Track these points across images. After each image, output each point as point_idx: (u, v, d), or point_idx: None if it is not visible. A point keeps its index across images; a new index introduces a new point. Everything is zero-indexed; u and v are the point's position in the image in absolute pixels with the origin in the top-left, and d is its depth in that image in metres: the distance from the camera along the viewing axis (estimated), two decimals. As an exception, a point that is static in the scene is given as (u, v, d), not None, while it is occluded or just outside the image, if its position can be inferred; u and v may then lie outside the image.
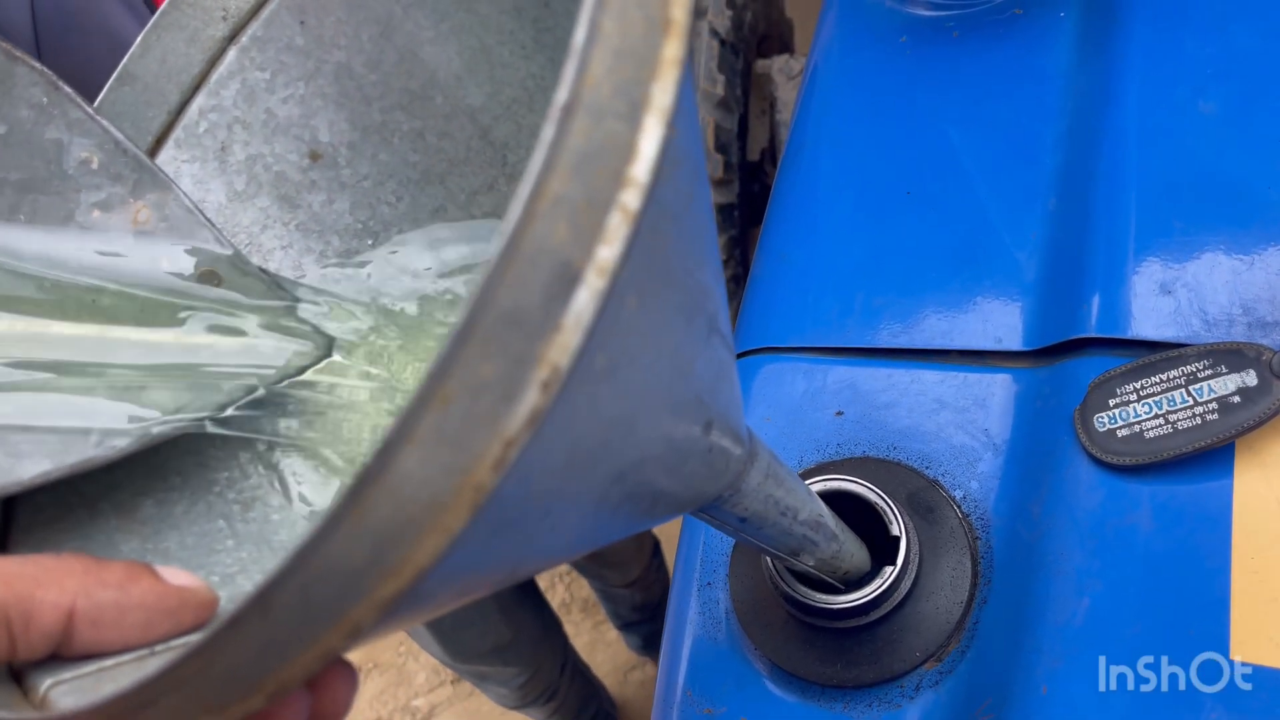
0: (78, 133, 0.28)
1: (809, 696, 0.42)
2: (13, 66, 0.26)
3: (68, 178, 0.28)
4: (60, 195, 0.28)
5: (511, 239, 0.12)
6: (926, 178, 0.54)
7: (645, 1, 0.13)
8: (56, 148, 0.27)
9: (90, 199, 0.28)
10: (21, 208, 0.27)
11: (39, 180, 0.27)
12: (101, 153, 0.28)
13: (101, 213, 0.28)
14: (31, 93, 0.27)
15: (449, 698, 1.60)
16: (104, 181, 0.28)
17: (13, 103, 0.27)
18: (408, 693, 1.62)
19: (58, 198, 0.28)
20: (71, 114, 0.27)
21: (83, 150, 0.28)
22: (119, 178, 0.28)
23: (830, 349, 0.51)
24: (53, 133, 0.27)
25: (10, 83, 0.26)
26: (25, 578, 0.20)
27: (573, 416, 0.14)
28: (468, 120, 0.33)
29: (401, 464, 0.12)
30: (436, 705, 1.61)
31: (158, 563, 0.27)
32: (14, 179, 0.27)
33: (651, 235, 0.14)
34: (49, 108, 0.27)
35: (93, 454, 0.26)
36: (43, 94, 0.27)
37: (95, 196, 0.28)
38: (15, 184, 0.27)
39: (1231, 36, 0.51)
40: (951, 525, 0.43)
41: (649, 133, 0.13)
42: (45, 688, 0.21)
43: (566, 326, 0.12)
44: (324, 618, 0.13)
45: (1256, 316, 0.42)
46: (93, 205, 0.28)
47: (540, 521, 0.16)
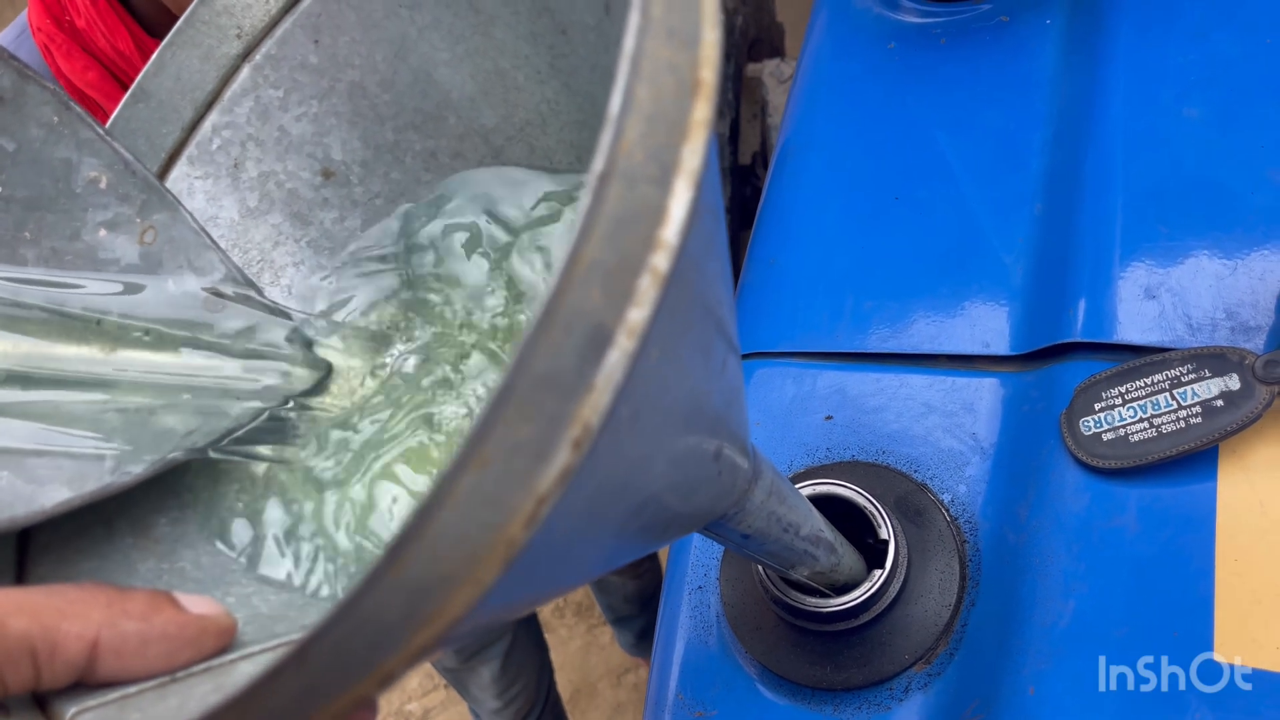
0: (87, 152, 0.28)
1: (799, 699, 0.43)
2: (25, 85, 0.26)
3: (75, 196, 0.28)
4: (67, 214, 0.28)
5: (549, 305, 0.12)
6: (914, 183, 0.55)
7: (677, 65, 0.14)
8: (65, 167, 0.28)
9: (97, 218, 0.28)
10: (28, 225, 0.27)
11: (47, 198, 0.28)
12: (110, 173, 0.28)
13: (108, 232, 0.28)
14: (42, 111, 0.27)
15: (442, 702, 1.60)
16: (111, 201, 0.28)
17: (23, 121, 0.27)
18: (400, 697, 1.62)
19: (65, 216, 0.28)
20: (81, 133, 0.28)
21: (91, 170, 0.28)
22: (127, 198, 0.29)
23: (819, 354, 0.51)
24: (62, 152, 0.27)
25: (21, 101, 0.27)
26: (51, 609, 0.20)
27: (598, 466, 0.14)
28: (480, 141, 0.33)
29: (439, 523, 0.13)
30: (430, 709, 1.61)
31: (174, 583, 0.27)
32: (21, 196, 0.27)
33: (678, 288, 0.14)
34: (59, 127, 0.27)
35: (110, 480, 0.26)
36: (53, 113, 0.27)
37: (102, 216, 0.28)
38: (23, 201, 0.27)
39: (1215, 44, 0.51)
40: (940, 528, 0.44)
41: (679, 196, 0.14)
42: (70, 716, 0.21)
43: (598, 387, 0.13)
44: (358, 668, 0.14)
45: (1239, 321, 0.43)
46: (99, 224, 0.28)
47: (562, 560, 0.17)
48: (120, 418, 0.27)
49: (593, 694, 1.57)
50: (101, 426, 0.27)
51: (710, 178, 0.16)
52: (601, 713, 1.56)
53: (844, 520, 0.40)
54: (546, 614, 1.62)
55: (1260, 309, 0.43)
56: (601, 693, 1.57)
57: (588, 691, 1.57)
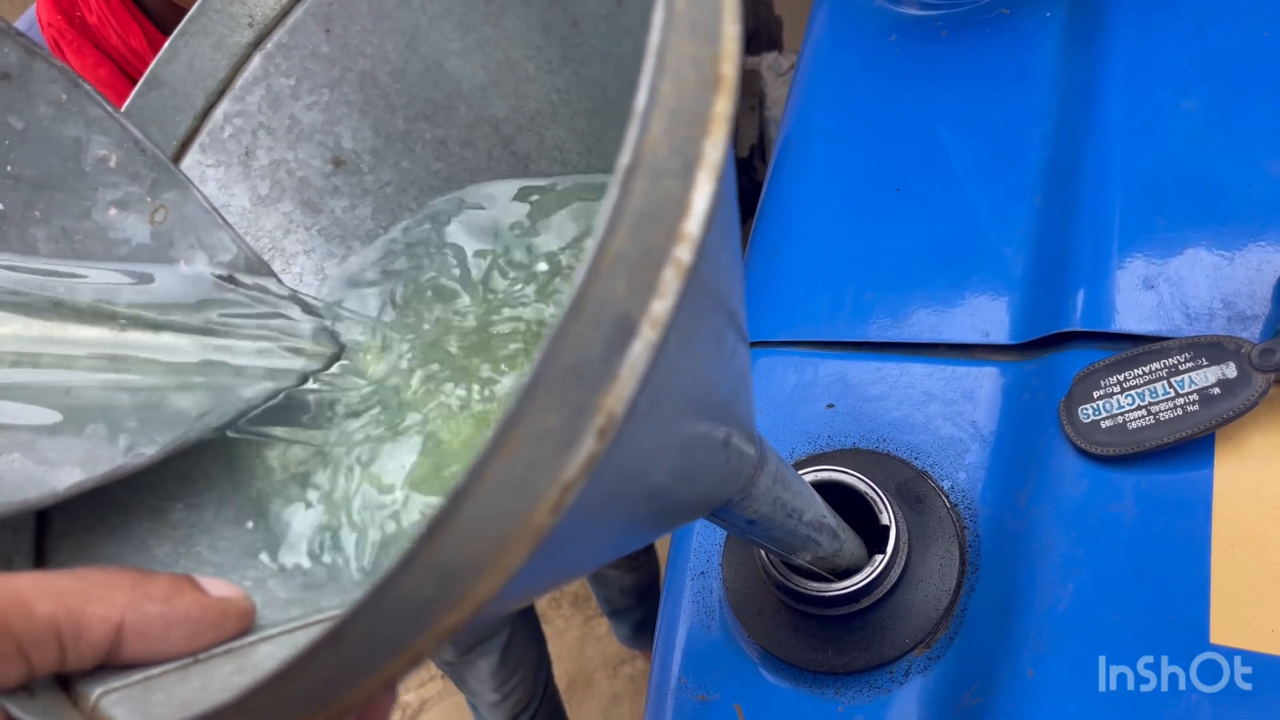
0: (96, 130, 0.28)
1: (800, 682, 0.43)
2: (32, 62, 0.26)
3: (85, 175, 0.28)
4: (77, 193, 0.28)
5: (578, 297, 0.13)
6: (915, 174, 0.55)
7: (699, 60, 0.14)
8: (75, 145, 0.28)
9: (107, 197, 0.28)
10: (38, 204, 0.27)
11: (56, 177, 0.27)
12: (120, 151, 0.28)
13: (119, 211, 0.28)
14: (50, 89, 0.27)
15: (439, 692, 1.61)
16: (122, 180, 0.28)
17: (31, 99, 0.27)
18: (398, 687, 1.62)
19: (74, 195, 0.28)
20: (90, 111, 0.28)
21: (101, 148, 0.28)
22: (137, 176, 0.29)
23: (821, 343, 0.52)
24: (71, 130, 0.27)
25: (29, 78, 0.27)
26: (76, 592, 0.21)
27: (617, 454, 0.15)
28: (491, 130, 0.33)
29: (470, 508, 0.13)
30: (427, 700, 1.61)
31: (191, 567, 0.27)
32: (30, 175, 0.27)
33: (696, 279, 0.14)
34: (68, 104, 0.27)
35: (122, 462, 0.26)
36: (61, 91, 0.27)
37: (112, 195, 0.28)
38: (32, 180, 0.27)
39: (1212, 37, 0.52)
40: (940, 515, 0.44)
41: (701, 189, 0.14)
42: (95, 696, 0.21)
43: (623, 377, 0.13)
44: (390, 648, 0.14)
45: (1236, 310, 0.43)
46: (110, 203, 0.28)
47: (578, 546, 0.17)
48: (132, 400, 0.27)
49: (589, 684, 1.58)
50: (113, 409, 0.27)
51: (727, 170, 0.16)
52: (598, 703, 1.56)
53: (845, 506, 0.41)
54: (543, 605, 1.62)
55: (1257, 299, 0.43)
56: (598, 683, 1.58)
57: (584, 682, 1.58)
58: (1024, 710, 0.38)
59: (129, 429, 0.26)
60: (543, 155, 0.33)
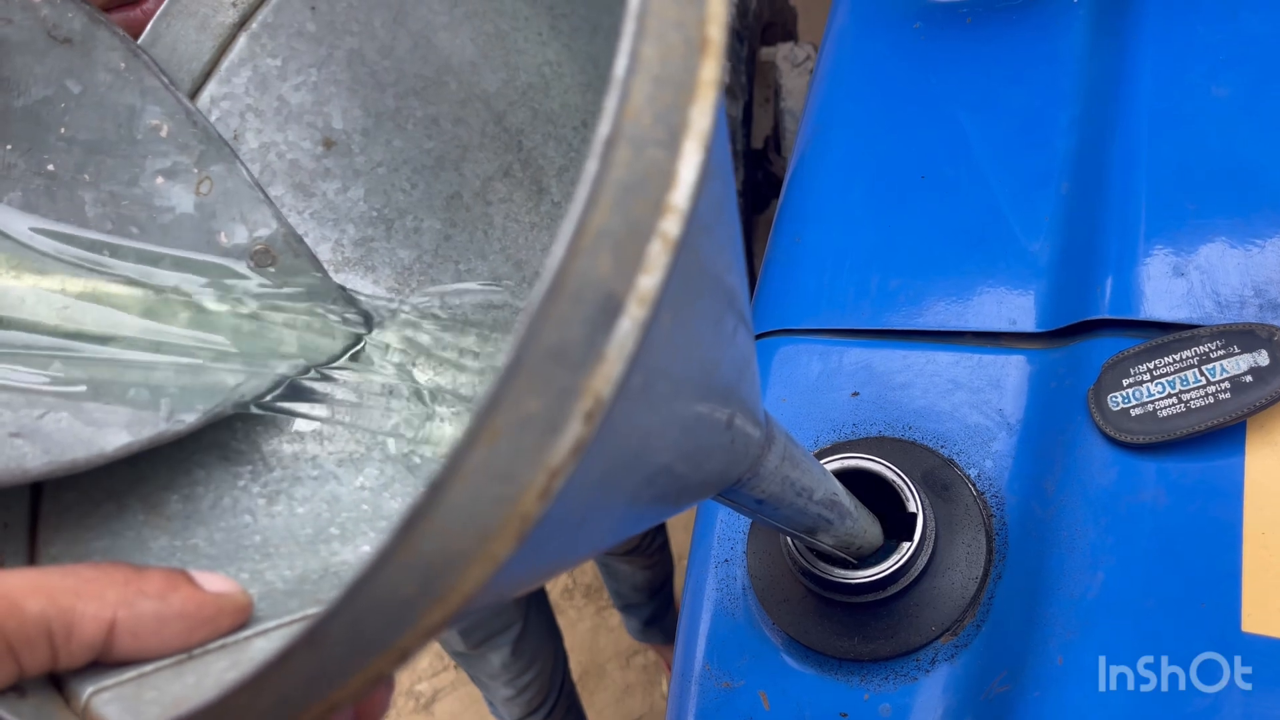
0: (151, 100, 0.28)
1: (826, 670, 0.43)
2: (95, 29, 0.27)
3: (136, 143, 0.28)
4: (127, 159, 0.28)
5: (556, 276, 0.12)
6: (940, 162, 0.55)
7: (683, 23, 0.13)
8: (129, 113, 0.28)
9: (156, 165, 0.28)
10: (88, 167, 0.27)
11: (108, 143, 0.28)
12: (172, 121, 0.28)
13: (165, 180, 0.28)
14: (110, 57, 0.27)
15: (452, 682, 1.61)
16: (171, 150, 0.28)
17: (91, 65, 0.27)
18: (410, 677, 1.63)
19: (124, 161, 0.28)
20: (147, 81, 0.28)
21: (154, 118, 0.28)
22: (186, 147, 0.29)
23: (846, 331, 0.51)
24: (127, 98, 0.27)
25: (91, 45, 0.27)
26: (67, 590, 0.20)
27: (611, 437, 0.14)
28: (482, 106, 0.33)
29: (451, 499, 0.12)
30: (440, 690, 1.62)
31: (188, 560, 0.27)
32: (84, 139, 0.27)
33: (687, 254, 0.14)
34: (125, 73, 0.27)
35: (164, 428, 0.26)
36: (121, 59, 0.27)
37: (161, 164, 0.28)
38: (85, 144, 0.27)
39: (1243, 22, 0.51)
40: (966, 503, 0.44)
41: (688, 159, 0.13)
42: (87, 695, 0.21)
43: (610, 357, 0.13)
44: (373, 647, 0.14)
45: (1268, 298, 0.43)
46: (157, 172, 0.28)
47: (576, 531, 0.17)
48: (173, 369, 0.27)
49: (601, 675, 1.58)
50: (154, 375, 0.27)
51: (719, 140, 0.15)
52: (610, 694, 1.57)
53: (872, 494, 0.41)
54: (555, 595, 1.63)
55: (1289, 286, 0.43)
56: (610, 674, 1.58)
57: (596, 673, 1.58)
58: (1053, 698, 0.38)
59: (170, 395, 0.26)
60: (536, 130, 0.33)
